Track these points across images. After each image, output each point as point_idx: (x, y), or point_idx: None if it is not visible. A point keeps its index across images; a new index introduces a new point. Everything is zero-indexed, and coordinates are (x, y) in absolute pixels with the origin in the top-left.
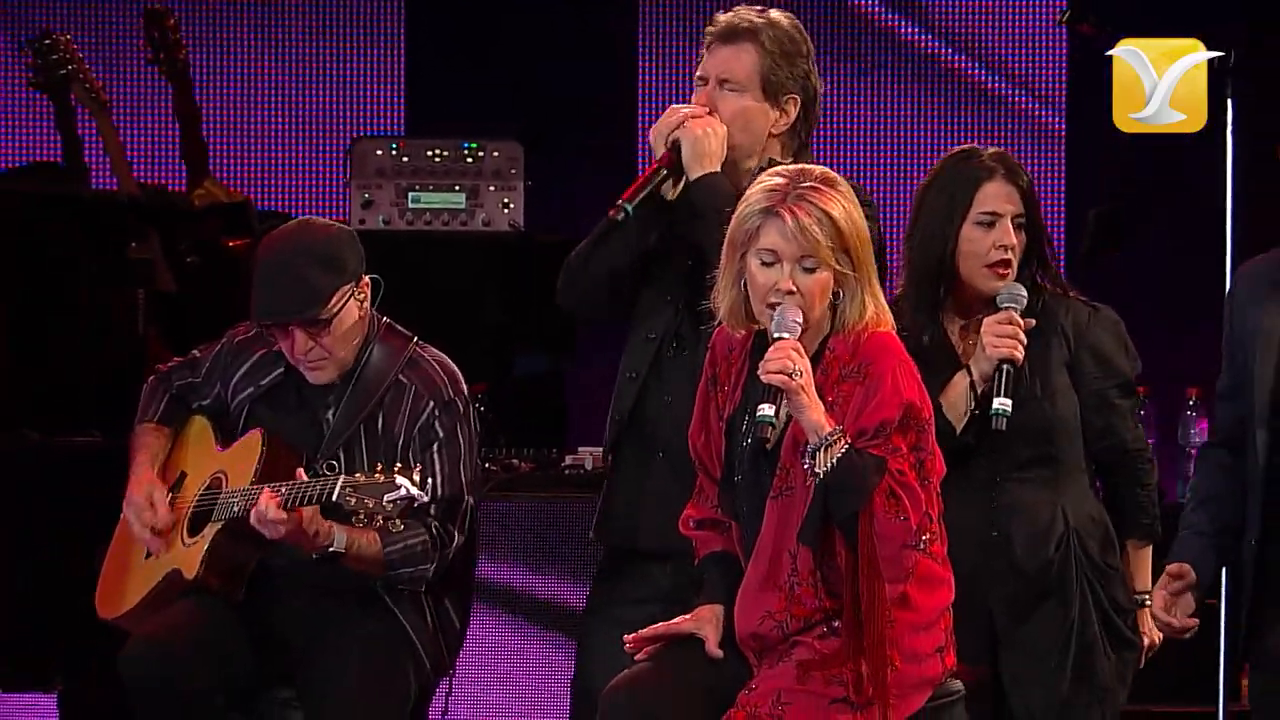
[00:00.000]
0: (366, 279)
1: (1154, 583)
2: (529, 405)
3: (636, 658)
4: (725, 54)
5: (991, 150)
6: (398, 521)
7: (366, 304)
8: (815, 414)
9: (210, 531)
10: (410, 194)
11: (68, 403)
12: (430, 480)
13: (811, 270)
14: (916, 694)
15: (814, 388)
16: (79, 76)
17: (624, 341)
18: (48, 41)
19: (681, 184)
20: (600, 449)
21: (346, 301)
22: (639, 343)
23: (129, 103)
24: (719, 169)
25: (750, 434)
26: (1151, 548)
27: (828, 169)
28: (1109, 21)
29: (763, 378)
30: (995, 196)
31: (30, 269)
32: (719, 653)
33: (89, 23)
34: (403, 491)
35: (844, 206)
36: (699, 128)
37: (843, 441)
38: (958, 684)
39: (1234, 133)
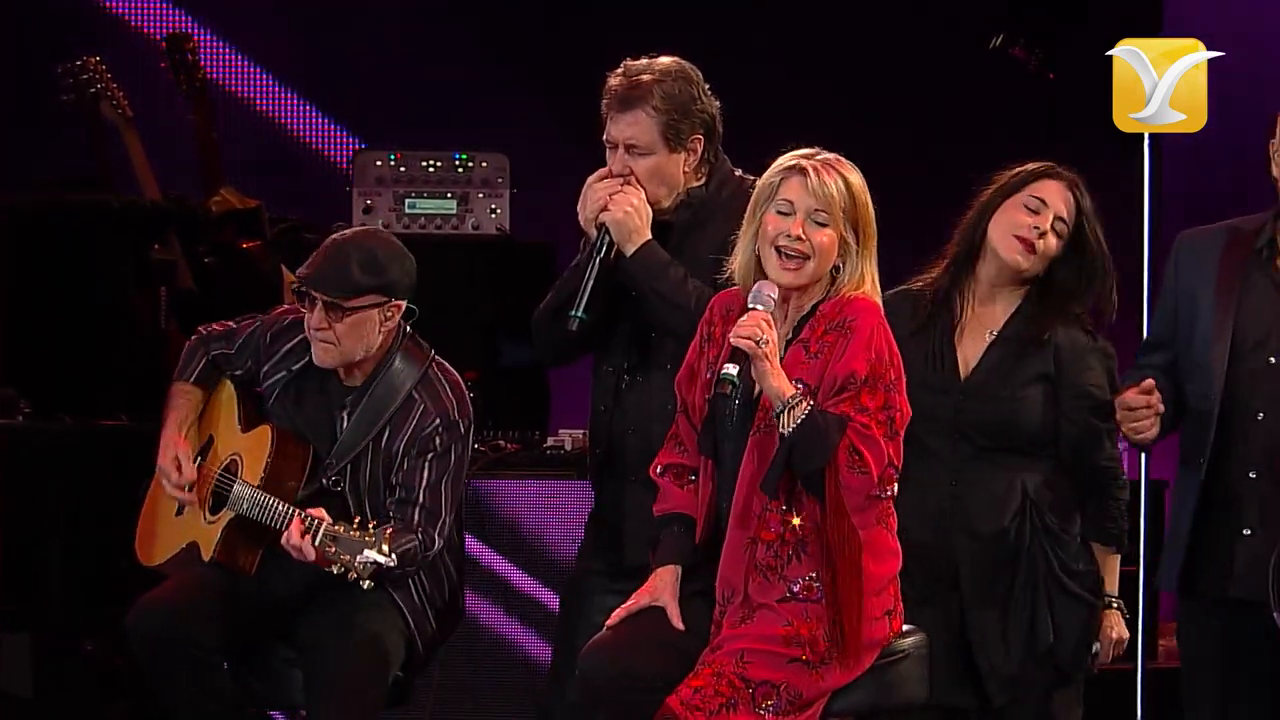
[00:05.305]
0: (401, 304)
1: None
2: (514, 391)
3: (607, 624)
4: (625, 121)
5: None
6: (384, 549)
7: (391, 324)
8: (777, 380)
9: (224, 518)
10: (407, 201)
11: (98, 390)
12: (413, 501)
13: (823, 225)
14: (866, 654)
15: (778, 357)
16: (108, 94)
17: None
18: (79, 63)
19: (616, 251)
20: (578, 431)
21: (371, 309)
22: (602, 374)
23: (153, 117)
24: (649, 236)
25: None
26: (1118, 558)
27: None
28: (1036, 46)
29: (731, 340)
30: (1049, 190)
31: (65, 269)
32: (681, 626)
33: (117, 45)
34: (370, 557)
35: (861, 183)
36: (619, 210)
37: (805, 403)
38: (905, 643)
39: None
